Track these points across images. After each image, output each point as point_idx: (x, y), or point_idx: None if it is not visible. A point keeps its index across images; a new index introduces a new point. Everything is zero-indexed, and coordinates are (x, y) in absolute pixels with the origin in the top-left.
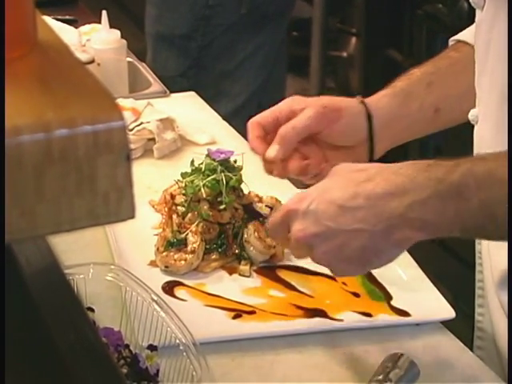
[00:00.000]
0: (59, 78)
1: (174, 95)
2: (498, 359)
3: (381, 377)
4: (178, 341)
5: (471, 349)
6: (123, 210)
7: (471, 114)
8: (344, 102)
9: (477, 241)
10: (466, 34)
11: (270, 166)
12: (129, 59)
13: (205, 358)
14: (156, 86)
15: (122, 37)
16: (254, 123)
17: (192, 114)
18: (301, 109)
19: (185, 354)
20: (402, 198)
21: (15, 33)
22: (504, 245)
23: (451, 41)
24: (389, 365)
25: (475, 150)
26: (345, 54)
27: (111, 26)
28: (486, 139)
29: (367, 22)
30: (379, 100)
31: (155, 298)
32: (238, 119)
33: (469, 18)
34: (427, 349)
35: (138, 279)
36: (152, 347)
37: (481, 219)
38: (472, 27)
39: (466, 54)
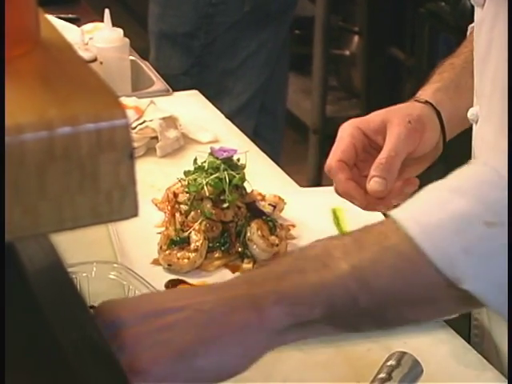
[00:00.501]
0: (62, 75)
1: (176, 94)
2: (496, 356)
3: (384, 375)
4: None
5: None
6: (126, 208)
7: (470, 113)
8: (415, 109)
9: None
10: None
11: (375, 201)
12: (131, 58)
13: None
14: (159, 84)
15: (125, 35)
16: (338, 164)
17: (195, 113)
18: (375, 131)
19: None
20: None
21: (18, 31)
22: None
23: (470, 28)
24: (392, 363)
25: (474, 150)
26: (347, 53)
27: (114, 25)
28: (488, 139)
29: (369, 20)
30: (435, 95)
31: None
32: (240, 117)
33: (472, 17)
34: (430, 347)
35: (140, 278)
36: None
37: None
38: None
39: None
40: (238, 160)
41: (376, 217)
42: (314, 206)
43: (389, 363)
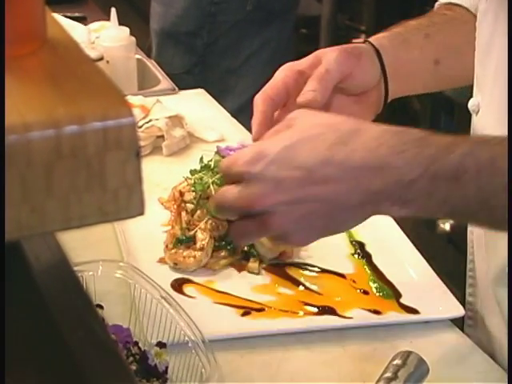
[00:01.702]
0: (69, 74)
1: (182, 92)
2: (490, 348)
3: (390, 374)
4: (186, 338)
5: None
6: (133, 206)
7: (471, 104)
8: (352, 44)
9: (469, 230)
10: None
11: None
12: (138, 56)
13: (214, 355)
14: (165, 83)
15: (131, 34)
16: (262, 96)
17: (201, 111)
18: (309, 66)
19: (194, 351)
20: (385, 174)
21: (25, 29)
22: (500, 238)
23: (438, 4)
24: (398, 362)
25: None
26: None
27: (120, 23)
28: (489, 128)
29: (376, 19)
30: (378, 40)
31: (164, 295)
32: (243, 116)
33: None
34: (436, 346)
35: (147, 276)
36: (161, 344)
37: (474, 206)
38: None
39: (460, 14)
40: None
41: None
42: None
43: (395, 362)
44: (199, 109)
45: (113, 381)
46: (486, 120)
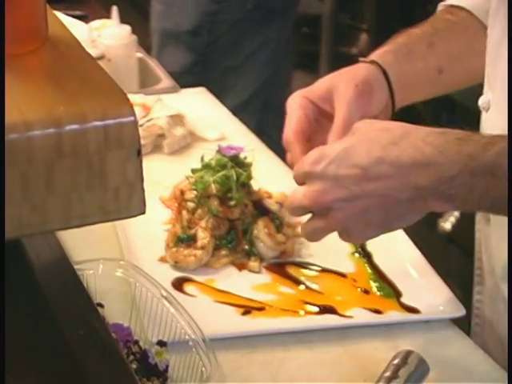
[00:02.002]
0: (70, 72)
1: (184, 91)
2: (498, 347)
3: (390, 374)
4: (187, 337)
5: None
6: (134, 205)
7: (481, 101)
8: (360, 70)
9: (476, 228)
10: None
11: None
12: (139, 55)
13: (214, 354)
14: (166, 81)
15: (133, 32)
16: (295, 135)
17: (202, 110)
18: (322, 98)
19: (194, 349)
20: (430, 171)
21: (26, 28)
22: (505, 238)
23: (441, 5)
24: (398, 361)
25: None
26: (355, 51)
27: (121, 22)
28: (499, 126)
29: (378, 18)
30: (383, 56)
31: (165, 293)
32: (243, 114)
33: None
34: (437, 346)
35: (147, 275)
36: (161, 343)
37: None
38: None
39: (462, 18)
40: (245, 158)
41: None
42: None
43: (395, 362)
44: (200, 107)
45: (113, 379)
46: (497, 117)
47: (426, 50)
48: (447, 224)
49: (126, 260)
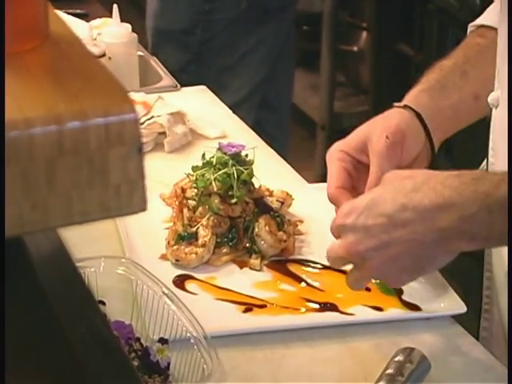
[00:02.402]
0: (71, 70)
1: (184, 89)
2: (505, 350)
3: (392, 371)
4: (188, 334)
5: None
6: (135, 202)
7: (491, 98)
8: (395, 118)
9: (486, 252)
10: (486, 18)
11: None
12: (140, 53)
13: (216, 352)
14: (167, 79)
15: (133, 31)
16: (338, 191)
17: (203, 108)
18: (358, 150)
19: (196, 347)
20: (450, 212)
21: (27, 25)
22: None
23: (471, 26)
24: (400, 359)
25: (492, 135)
26: (355, 49)
27: (122, 20)
28: (507, 122)
29: (378, 16)
30: (417, 97)
31: (166, 291)
32: (239, 113)
33: (481, 13)
34: (438, 343)
35: (148, 273)
36: (163, 340)
37: None
38: (490, 8)
39: (492, 40)
40: (246, 156)
41: None
42: (322, 201)
43: (397, 359)
44: (201, 106)
45: (115, 377)
46: (505, 114)
47: (460, 81)
48: None
49: (128, 258)
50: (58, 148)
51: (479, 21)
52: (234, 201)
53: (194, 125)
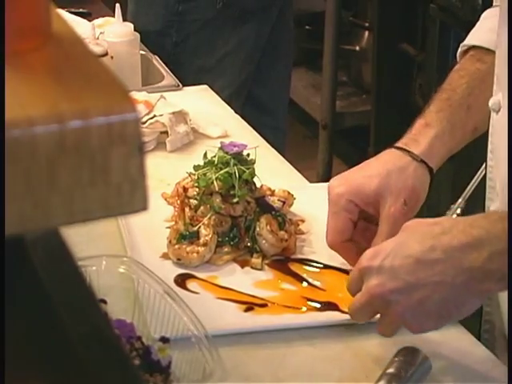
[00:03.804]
0: (73, 69)
1: (186, 89)
2: (505, 351)
3: (392, 370)
4: (190, 333)
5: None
6: (136, 201)
7: (492, 102)
8: (411, 177)
9: None
10: (477, 38)
11: None
12: (142, 52)
13: (217, 351)
14: (169, 79)
15: (135, 30)
16: (342, 246)
17: (204, 108)
18: (367, 203)
19: (197, 346)
20: (480, 250)
21: (29, 24)
22: None
23: (462, 46)
24: (401, 358)
25: (492, 138)
26: (357, 48)
27: (124, 20)
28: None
29: (380, 15)
30: (432, 148)
31: (167, 290)
32: None
33: (483, 11)
34: (439, 343)
35: (150, 271)
36: (164, 339)
37: None
38: (477, 28)
39: (491, 64)
40: (248, 155)
41: None
42: (324, 201)
43: (397, 358)
44: (203, 105)
45: (117, 376)
46: (507, 119)
47: (465, 116)
48: None
49: (129, 256)
50: (60, 147)
51: (470, 41)
52: (235, 200)
53: (196, 124)
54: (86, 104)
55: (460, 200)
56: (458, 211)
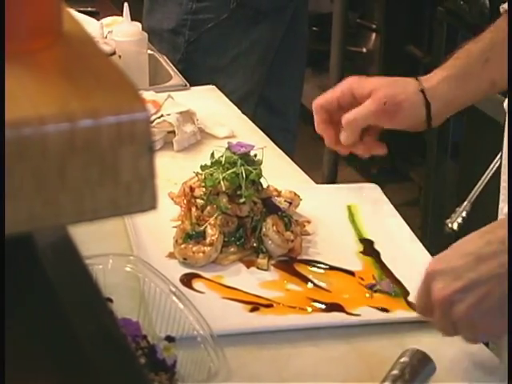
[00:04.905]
0: (83, 68)
1: (194, 89)
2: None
3: (397, 372)
4: (195, 332)
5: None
6: (145, 200)
7: (506, 104)
8: (404, 94)
9: (500, 219)
10: None
11: (342, 148)
12: (150, 51)
13: (222, 350)
14: (176, 78)
15: (143, 29)
16: (317, 107)
17: (212, 108)
18: (361, 96)
19: (202, 345)
20: None
21: (41, 23)
22: None
23: (502, 8)
24: (405, 360)
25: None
26: (364, 50)
27: (132, 19)
28: None
29: (387, 17)
30: (438, 86)
31: (173, 289)
32: None
33: (491, 16)
34: (443, 344)
35: (156, 270)
36: (170, 338)
37: None
38: None
39: None
40: (255, 156)
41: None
42: (330, 202)
43: (402, 360)
44: (210, 105)
45: (123, 375)
46: None
47: (481, 69)
48: (454, 224)
49: (136, 255)
50: (70, 146)
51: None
52: (242, 200)
53: (203, 124)
54: (96, 103)
55: (466, 203)
56: (464, 214)
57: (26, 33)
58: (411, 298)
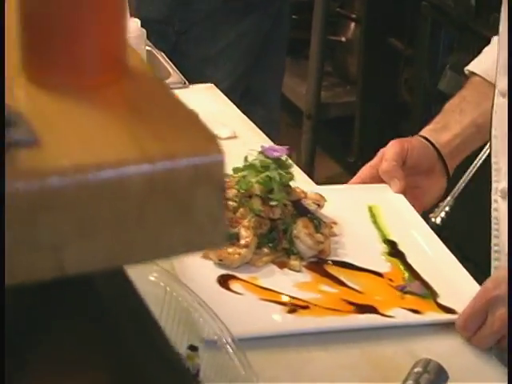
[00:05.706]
0: (153, 106)
1: (193, 86)
2: None
3: (411, 382)
4: (219, 342)
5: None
6: (216, 237)
7: (500, 87)
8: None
9: (493, 208)
10: (479, 65)
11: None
12: (148, 48)
13: (246, 358)
14: (175, 76)
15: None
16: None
17: (211, 106)
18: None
19: (226, 353)
20: None
21: (108, 57)
22: None
23: (466, 70)
24: (419, 370)
25: (495, 122)
26: (343, 39)
27: (130, 15)
28: None
29: (368, 8)
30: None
31: (197, 298)
32: None
33: (476, 12)
34: (454, 352)
35: (178, 280)
36: (193, 347)
37: None
38: (481, 57)
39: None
40: (286, 159)
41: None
42: (351, 203)
43: (416, 370)
44: (209, 104)
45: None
46: None
47: (459, 117)
48: (438, 219)
49: (160, 265)
50: (150, 187)
51: (472, 67)
52: (274, 203)
53: None
54: (174, 146)
55: (449, 198)
56: (447, 209)
57: (95, 66)
58: (442, 301)
